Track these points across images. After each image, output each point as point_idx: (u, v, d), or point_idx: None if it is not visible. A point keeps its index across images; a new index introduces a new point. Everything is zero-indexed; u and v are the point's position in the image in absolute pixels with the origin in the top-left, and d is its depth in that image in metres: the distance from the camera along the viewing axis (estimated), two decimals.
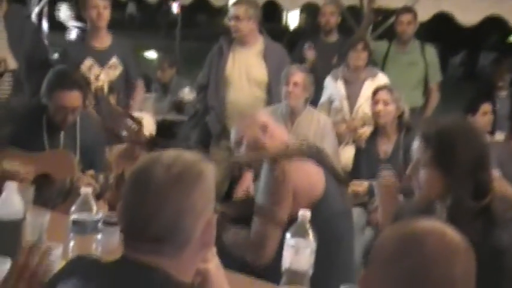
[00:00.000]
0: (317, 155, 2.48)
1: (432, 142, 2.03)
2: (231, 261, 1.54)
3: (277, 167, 2.34)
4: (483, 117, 4.32)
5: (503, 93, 5.29)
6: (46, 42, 5.26)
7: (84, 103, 3.13)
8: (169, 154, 1.42)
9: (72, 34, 6.42)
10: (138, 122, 3.20)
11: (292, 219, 2.33)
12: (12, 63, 3.90)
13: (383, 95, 3.88)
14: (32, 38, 4.13)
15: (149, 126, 3.80)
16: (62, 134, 3.12)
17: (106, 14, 4.21)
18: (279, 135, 2.54)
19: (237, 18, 4.36)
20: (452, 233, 1.22)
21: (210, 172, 1.43)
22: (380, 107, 3.85)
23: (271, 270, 2.33)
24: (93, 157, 3.18)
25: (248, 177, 4.09)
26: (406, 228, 1.24)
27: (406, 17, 4.92)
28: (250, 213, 2.41)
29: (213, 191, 1.43)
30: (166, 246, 1.35)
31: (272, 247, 2.34)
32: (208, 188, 1.41)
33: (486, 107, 4.39)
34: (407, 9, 4.99)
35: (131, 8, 25.41)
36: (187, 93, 5.82)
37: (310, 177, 2.40)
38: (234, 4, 4.46)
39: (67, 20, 6.71)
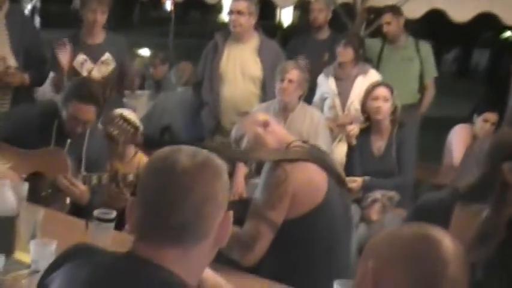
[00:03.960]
0: (319, 157, 2.44)
1: None
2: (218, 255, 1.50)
3: (279, 167, 2.30)
4: (483, 123, 4.24)
5: None
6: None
7: (98, 117, 3.14)
8: (188, 147, 1.40)
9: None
10: (134, 126, 3.20)
11: (288, 222, 2.32)
12: (12, 62, 3.91)
13: (383, 91, 3.88)
14: (31, 36, 4.14)
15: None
16: (69, 141, 3.13)
17: (102, 18, 4.22)
18: (279, 133, 2.52)
19: (239, 12, 4.34)
20: (449, 237, 1.25)
21: (225, 169, 1.42)
22: (380, 103, 3.85)
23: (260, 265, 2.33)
24: (94, 169, 3.16)
25: (241, 172, 4.08)
26: (418, 230, 1.26)
27: (385, 18, 4.97)
28: (244, 215, 2.34)
29: (228, 189, 1.41)
30: (188, 234, 1.32)
31: (261, 249, 2.30)
32: (227, 182, 1.39)
33: (489, 115, 4.21)
34: (389, 9, 5.02)
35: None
36: None
37: (312, 180, 2.35)
38: None
39: None
